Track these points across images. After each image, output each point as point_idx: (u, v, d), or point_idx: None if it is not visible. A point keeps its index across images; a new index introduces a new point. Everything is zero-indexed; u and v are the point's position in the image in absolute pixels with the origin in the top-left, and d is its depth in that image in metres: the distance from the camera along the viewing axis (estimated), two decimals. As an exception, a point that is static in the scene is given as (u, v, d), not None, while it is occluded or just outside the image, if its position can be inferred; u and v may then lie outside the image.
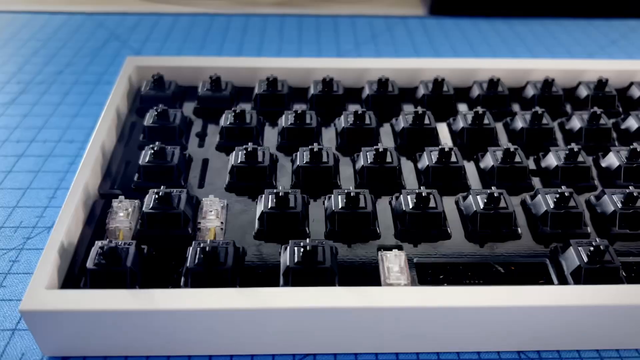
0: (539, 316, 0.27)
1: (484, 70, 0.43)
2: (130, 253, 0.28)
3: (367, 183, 0.34)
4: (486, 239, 0.31)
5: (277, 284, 0.29)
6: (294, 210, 0.31)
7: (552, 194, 0.32)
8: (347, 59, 0.45)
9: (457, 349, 0.29)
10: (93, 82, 0.51)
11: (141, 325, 0.26)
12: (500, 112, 0.40)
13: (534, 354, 0.29)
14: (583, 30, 0.62)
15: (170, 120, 0.37)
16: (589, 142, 0.38)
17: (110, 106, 0.38)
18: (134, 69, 0.42)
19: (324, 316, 0.27)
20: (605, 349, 0.29)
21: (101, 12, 0.63)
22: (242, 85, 0.43)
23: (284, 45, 0.58)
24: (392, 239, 0.32)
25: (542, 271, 0.30)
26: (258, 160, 0.34)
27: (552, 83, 0.41)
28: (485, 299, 0.27)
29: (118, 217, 0.31)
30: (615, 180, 0.35)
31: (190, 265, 0.28)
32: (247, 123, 0.37)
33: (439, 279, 0.30)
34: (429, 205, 0.32)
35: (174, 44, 0.57)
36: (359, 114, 0.37)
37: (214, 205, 0.32)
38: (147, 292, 0.27)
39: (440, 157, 0.34)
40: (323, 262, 0.28)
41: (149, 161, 0.34)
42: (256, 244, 0.31)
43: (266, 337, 0.27)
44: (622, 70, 0.44)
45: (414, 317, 0.27)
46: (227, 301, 0.26)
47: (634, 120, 0.39)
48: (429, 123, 0.38)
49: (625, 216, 0.32)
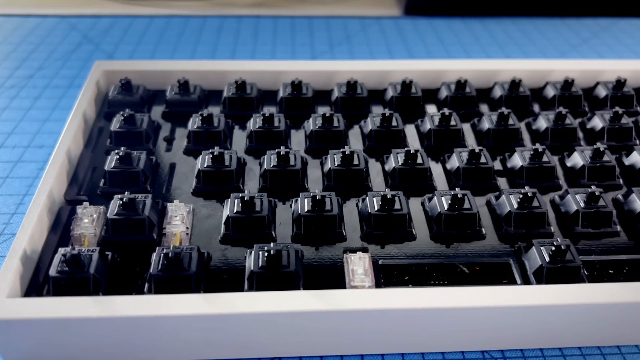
0: (502, 316, 0.28)
1: (452, 71, 0.43)
2: (93, 260, 0.28)
3: (335, 186, 0.35)
4: (451, 239, 0.32)
5: (242, 288, 0.29)
6: (259, 215, 0.31)
7: (515, 195, 0.32)
8: (317, 62, 0.45)
9: (421, 350, 0.29)
10: (65, 86, 0.50)
11: (103, 332, 0.26)
12: (468, 113, 0.41)
13: (497, 353, 0.29)
14: (555, 29, 0.63)
15: (137, 124, 0.37)
16: (555, 142, 0.38)
17: (77, 111, 0.38)
18: (102, 74, 0.42)
19: (287, 320, 0.27)
20: (567, 346, 0.29)
21: (75, 15, 0.63)
22: (211, 88, 0.42)
23: (258, 46, 0.58)
24: (359, 241, 0.32)
25: (506, 271, 0.30)
26: (225, 164, 0.34)
27: (520, 83, 0.42)
28: (446, 301, 0.27)
29: (83, 223, 0.31)
30: (580, 179, 0.36)
31: (153, 272, 0.28)
32: (214, 126, 0.37)
33: (404, 280, 0.30)
34: (394, 207, 0.32)
35: (148, 47, 0.57)
36: (327, 117, 0.38)
37: (179, 210, 0.32)
38: (109, 299, 0.27)
39: (407, 159, 0.35)
40: (287, 266, 0.28)
41: (114, 166, 0.34)
42: (222, 248, 0.31)
43: (230, 342, 0.27)
44: (588, 70, 0.44)
45: (377, 319, 0.27)
46: (189, 307, 0.26)
47: (599, 120, 0.39)
48: (397, 125, 0.38)
49: (588, 215, 0.32)
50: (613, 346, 0.29)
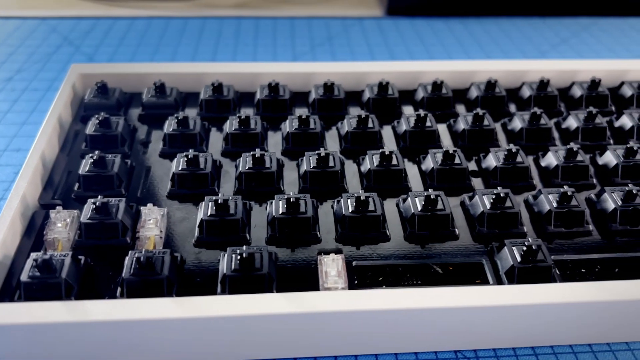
0: (474, 316, 0.28)
1: (429, 72, 0.43)
2: (65, 264, 0.28)
3: (311, 187, 0.35)
4: (425, 240, 0.32)
5: (216, 292, 0.29)
6: (233, 217, 0.31)
7: (488, 195, 0.33)
8: (295, 63, 0.45)
9: (394, 351, 0.29)
10: (43, 89, 0.50)
11: (74, 337, 0.26)
12: (444, 114, 0.41)
13: (470, 353, 0.29)
14: (536, 29, 0.63)
15: (112, 128, 0.37)
16: (530, 142, 0.39)
17: (52, 115, 0.38)
18: (79, 77, 0.42)
19: (260, 323, 0.27)
20: (540, 345, 0.30)
21: (55, 17, 0.62)
22: (189, 91, 0.42)
23: (239, 47, 0.58)
24: (333, 242, 0.32)
25: (479, 271, 0.31)
26: (199, 167, 0.34)
27: (496, 84, 0.42)
28: (418, 301, 0.27)
29: (56, 227, 0.31)
30: (554, 179, 0.36)
31: (125, 276, 0.28)
32: (190, 129, 0.37)
33: (378, 281, 0.30)
34: (368, 208, 0.32)
35: (129, 48, 0.57)
36: (304, 119, 0.38)
37: (152, 214, 0.32)
38: (79, 303, 0.27)
39: (382, 161, 0.35)
40: (260, 269, 0.28)
41: (88, 170, 0.33)
42: (196, 251, 0.31)
43: (202, 345, 0.27)
44: (565, 70, 0.44)
45: (350, 320, 0.27)
46: (160, 311, 0.26)
47: (573, 120, 0.40)
48: (373, 127, 0.38)
49: (560, 215, 0.32)
50: (584, 344, 0.30)
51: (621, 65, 0.45)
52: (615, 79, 0.45)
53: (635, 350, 0.29)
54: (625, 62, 0.46)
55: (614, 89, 0.44)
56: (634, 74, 0.45)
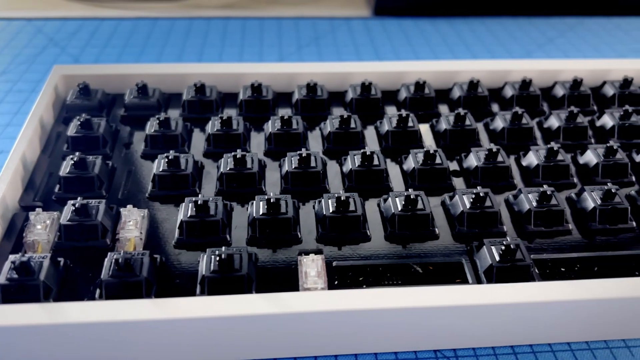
0: (452, 315, 0.28)
1: (413, 72, 0.44)
2: (44, 266, 0.28)
3: (292, 188, 0.35)
4: (405, 240, 0.32)
5: (195, 293, 0.29)
6: (213, 219, 0.31)
7: (468, 195, 0.33)
8: (279, 64, 0.45)
9: (374, 350, 0.29)
10: (28, 90, 0.50)
11: (52, 339, 0.26)
12: (426, 114, 0.41)
13: (449, 352, 0.29)
14: (522, 29, 0.63)
15: (93, 129, 0.37)
16: (512, 141, 0.39)
17: (33, 116, 0.38)
18: (61, 78, 0.42)
19: (238, 324, 0.27)
20: (519, 344, 0.30)
21: (41, 18, 0.62)
22: (172, 91, 0.42)
23: (226, 48, 0.58)
24: (314, 243, 0.32)
25: (459, 270, 0.31)
26: (180, 168, 0.34)
27: (478, 84, 0.42)
28: (396, 301, 0.27)
29: (36, 229, 0.31)
30: (534, 179, 0.36)
31: (104, 277, 0.28)
32: (172, 130, 0.37)
33: (358, 281, 0.30)
34: (349, 208, 0.32)
35: (114, 50, 0.57)
36: (286, 119, 0.38)
37: (132, 215, 0.32)
38: (58, 305, 0.27)
39: (363, 161, 0.35)
40: (239, 270, 0.28)
41: (69, 172, 0.33)
42: (177, 253, 0.31)
43: (179, 347, 0.27)
44: (547, 70, 0.45)
45: (328, 320, 0.27)
46: (138, 312, 0.26)
47: (555, 120, 0.40)
48: (355, 127, 0.38)
49: (540, 214, 0.33)
50: (563, 343, 0.30)
51: (603, 64, 0.46)
52: (598, 79, 0.45)
53: (613, 349, 0.30)
54: (607, 62, 0.46)
55: (596, 88, 0.45)
56: (616, 73, 0.45)
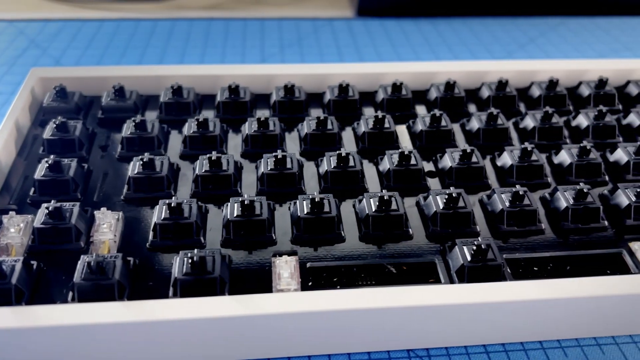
0: (424, 315, 0.28)
1: (391, 74, 0.44)
2: (16, 269, 0.28)
3: (268, 190, 0.35)
4: (379, 240, 0.32)
5: (168, 295, 0.29)
6: (187, 221, 0.31)
7: (442, 195, 0.33)
8: (257, 65, 0.45)
9: (347, 350, 0.29)
10: (7, 93, 0.50)
11: (23, 343, 0.26)
12: (404, 115, 0.41)
13: (422, 351, 0.30)
14: (504, 29, 0.64)
15: (69, 132, 0.37)
16: (487, 142, 0.39)
17: (8, 119, 0.38)
18: (38, 81, 0.42)
19: (209, 326, 0.27)
20: (490, 343, 0.30)
21: (22, 19, 0.62)
22: (149, 93, 0.42)
23: (208, 49, 0.58)
24: (289, 244, 0.32)
25: (432, 270, 0.31)
26: (155, 170, 0.34)
27: (455, 85, 0.42)
28: (367, 301, 0.28)
29: (9, 233, 0.31)
30: (509, 179, 0.36)
31: (76, 280, 0.28)
32: (148, 132, 0.37)
33: (332, 282, 0.30)
34: (323, 210, 0.32)
35: (96, 51, 0.57)
36: (262, 121, 0.38)
37: (106, 218, 0.32)
38: (29, 308, 0.27)
39: (339, 162, 0.35)
40: (212, 272, 0.28)
41: (44, 175, 0.33)
42: (150, 255, 0.31)
43: (151, 349, 0.27)
44: (524, 71, 0.45)
45: (301, 321, 0.28)
46: (110, 315, 0.26)
47: (530, 120, 0.40)
48: (332, 128, 0.38)
49: (512, 214, 0.33)
50: (535, 342, 0.30)
51: (580, 65, 0.46)
52: (575, 79, 0.45)
53: (584, 347, 0.30)
54: (584, 62, 0.47)
55: (572, 88, 0.45)
56: (593, 73, 0.45)
